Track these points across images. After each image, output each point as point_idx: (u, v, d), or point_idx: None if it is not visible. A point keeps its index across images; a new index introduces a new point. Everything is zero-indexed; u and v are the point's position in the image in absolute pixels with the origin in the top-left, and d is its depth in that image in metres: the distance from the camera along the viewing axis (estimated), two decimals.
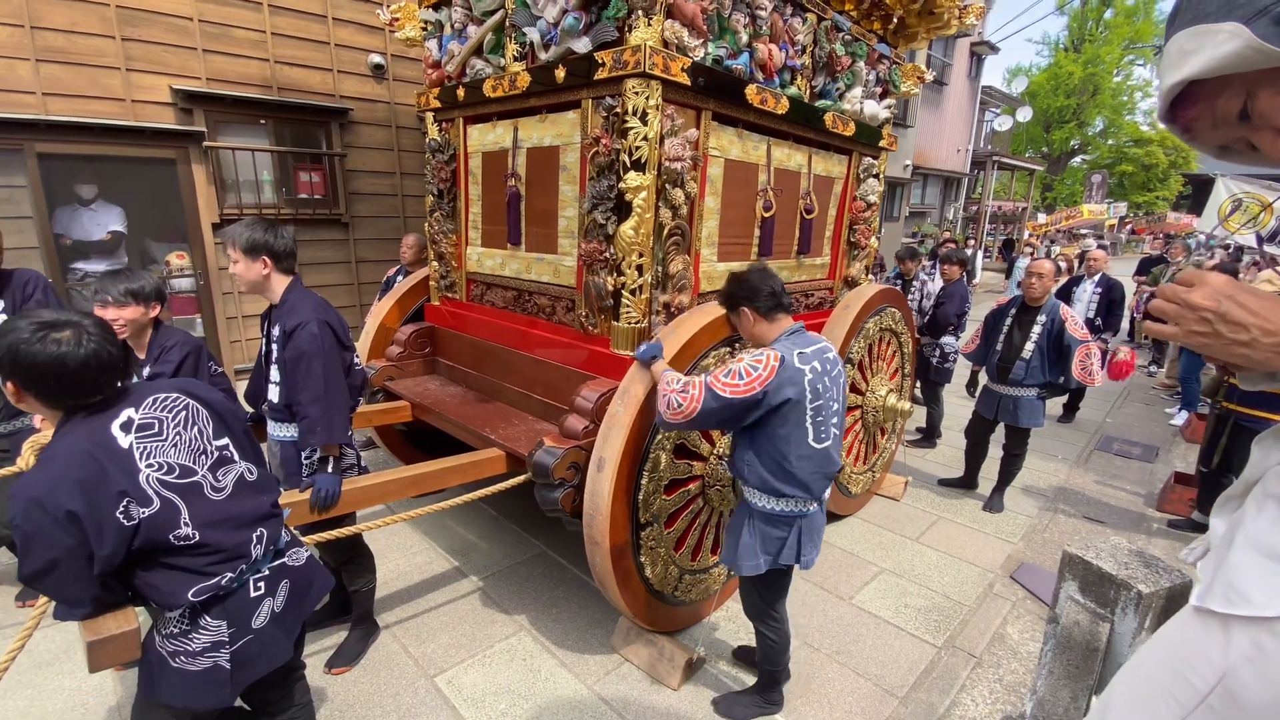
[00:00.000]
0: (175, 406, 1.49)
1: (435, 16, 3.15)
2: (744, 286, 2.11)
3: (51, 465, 1.31)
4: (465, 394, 3.40)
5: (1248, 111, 0.71)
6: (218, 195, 4.92)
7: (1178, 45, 0.71)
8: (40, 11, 4.13)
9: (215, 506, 1.48)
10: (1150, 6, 28.25)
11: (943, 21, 3.62)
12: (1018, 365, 3.83)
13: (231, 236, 2.15)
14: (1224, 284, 0.72)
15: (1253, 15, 0.64)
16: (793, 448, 1.97)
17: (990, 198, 18.62)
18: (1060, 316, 3.73)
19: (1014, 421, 3.94)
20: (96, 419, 1.38)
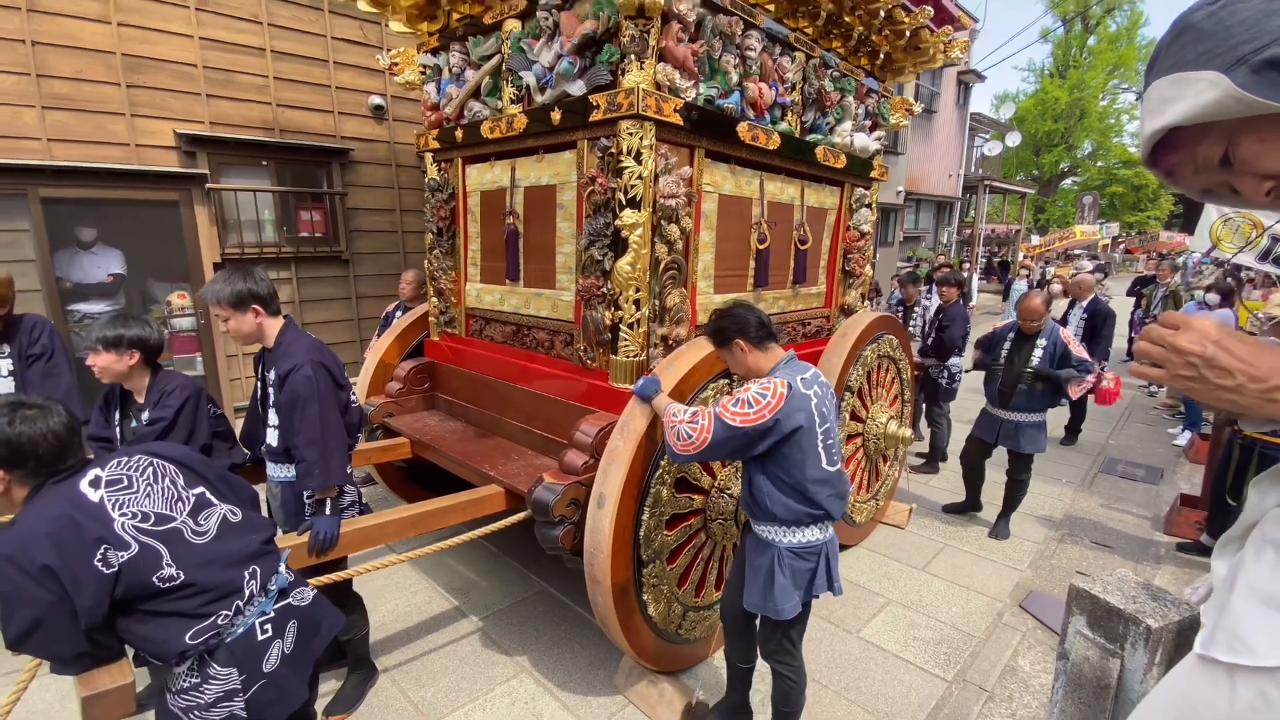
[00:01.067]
0: (140, 465, 1.50)
1: (434, 61, 3.23)
2: (733, 320, 2.12)
3: (22, 525, 1.32)
4: (464, 429, 3.39)
5: (1229, 158, 0.72)
6: (219, 235, 4.99)
7: (1158, 92, 0.72)
8: (47, 60, 4.25)
9: (200, 549, 1.47)
10: (1133, 32, 28.99)
11: (928, 56, 3.71)
12: (1017, 391, 3.82)
13: (213, 296, 2.13)
14: (1211, 329, 0.72)
15: (1231, 64, 0.66)
16: (808, 472, 1.97)
17: (983, 221, 18.83)
18: (1061, 339, 3.75)
19: (1015, 446, 3.91)
20: (63, 484, 1.40)
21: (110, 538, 1.34)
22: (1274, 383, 0.68)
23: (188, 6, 4.67)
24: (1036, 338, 3.81)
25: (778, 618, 2.02)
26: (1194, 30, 0.70)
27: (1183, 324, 0.74)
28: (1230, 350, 0.71)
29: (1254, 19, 0.65)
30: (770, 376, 2.03)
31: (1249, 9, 0.66)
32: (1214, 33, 0.68)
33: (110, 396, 2.36)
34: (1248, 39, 0.65)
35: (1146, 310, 8.89)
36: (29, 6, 4.14)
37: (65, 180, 4.32)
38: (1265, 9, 0.65)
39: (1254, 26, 0.65)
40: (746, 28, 2.70)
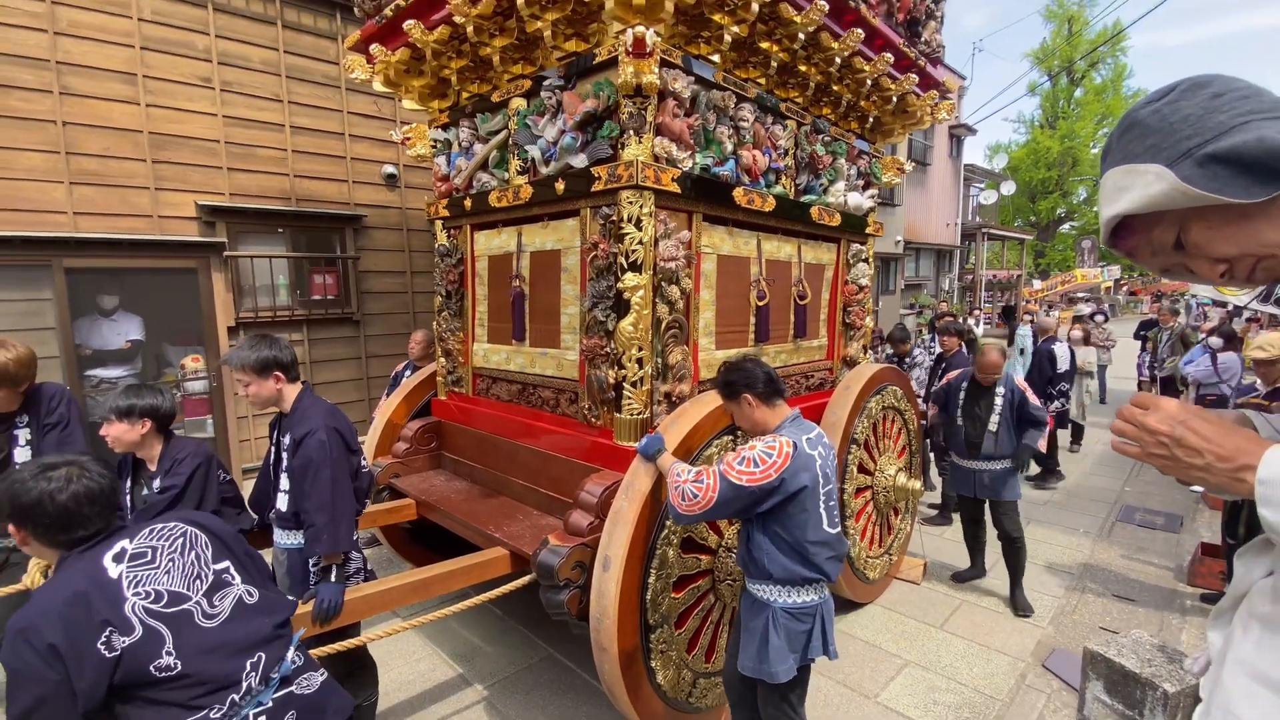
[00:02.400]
0: (172, 534, 1.51)
1: (444, 136, 3.40)
2: (742, 374, 2.16)
3: (39, 599, 1.33)
4: (470, 489, 3.39)
5: (1181, 242, 0.77)
6: (235, 300, 5.13)
7: (1112, 181, 0.78)
8: (76, 138, 4.48)
9: (206, 634, 1.45)
10: (1118, 84, 29.94)
11: (916, 118, 3.87)
12: (986, 439, 3.80)
13: (238, 361, 2.21)
14: (1177, 409, 0.75)
15: (1176, 158, 0.70)
16: (809, 533, 1.97)
17: (984, 267, 19.05)
18: (1018, 387, 3.79)
19: (994, 495, 3.84)
20: (90, 553, 1.42)
21: (116, 620, 1.35)
22: (1240, 462, 0.70)
23: (213, 87, 4.96)
24: (994, 387, 3.81)
25: (772, 681, 1.99)
26: (1141, 126, 0.75)
27: (1151, 404, 0.77)
28: (1196, 430, 0.73)
29: (1196, 115, 0.70)
30: (776, 434, 2.05)
31: (1191, 106, 0.71)
32: (1159, 128, 0.73)
33: (122, 465, 2.40)
34: (1190, 134, 0.70)
35: (1154, 354, 8.86)
36: (61, 90, 4.40)
37: (88, 251, 4.48)
38: (1207, 106, 0.70)
39: (1196, 123, 0.70)
40: (739, 100, 2.84)
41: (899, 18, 3.41)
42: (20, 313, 4.35)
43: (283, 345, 2.30)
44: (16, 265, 4.29)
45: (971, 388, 3.90)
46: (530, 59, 2.84)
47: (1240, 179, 0.67)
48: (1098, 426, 7.96)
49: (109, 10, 4.53)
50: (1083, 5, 28.71)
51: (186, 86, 4.85)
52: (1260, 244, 0.72)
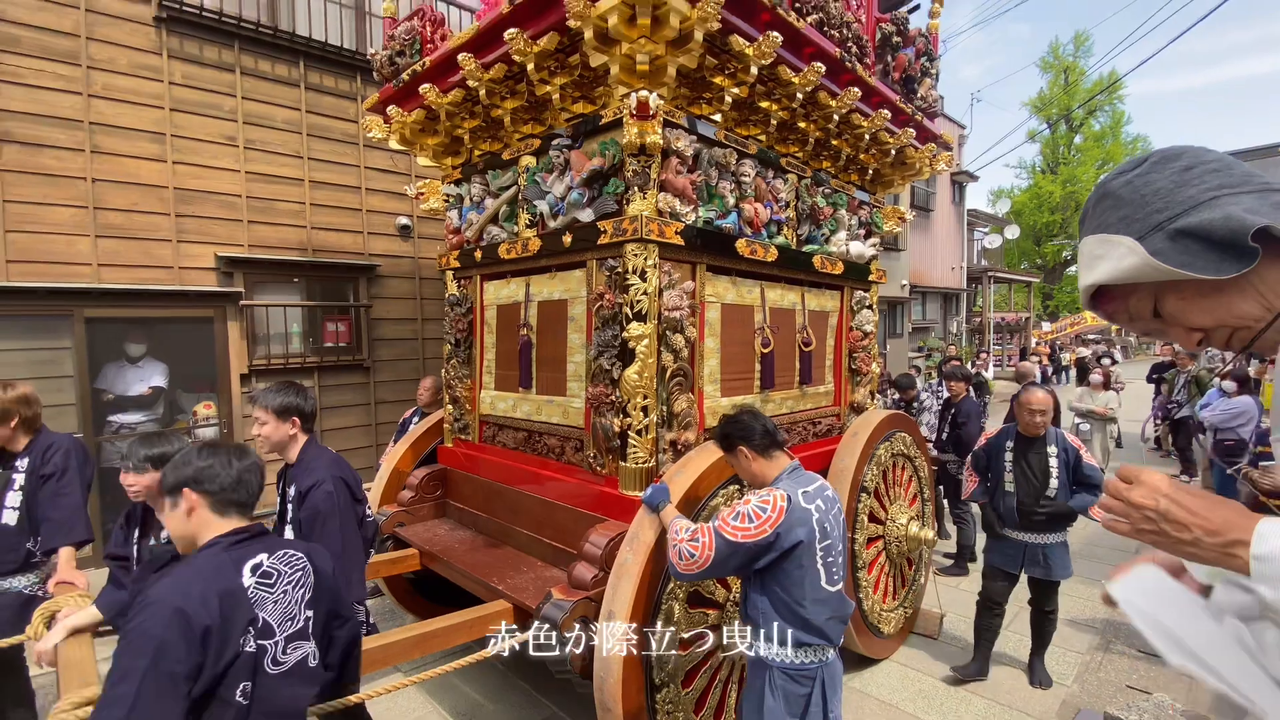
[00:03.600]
0: (294, 564, 1.51)
1: (456, 191, 3.52)
2: (738, 426, 2.15)
3: (193, 582, 1.33)
4: (474, 539, 3.36)
5: (1159, 311, 0.78)
6: (249, 347, 5.22)
7: (1088, 249, 0.79)
8: (104, 194, 4.66)
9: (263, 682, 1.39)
10: (1117, 130, 30.54)
11: (916, 170, 3.97)
12: (1043, 505, 3.28)
13: (262, 400, 2.30)
14: (1161, 483, 0.73)
15: (1147, 231, 0.72)
16: (807, 591, 1.92)
17: (991, 310, 19.08)
18: (1072, 445, 3.33)
19: (1047, 574, 3.31)
20: (237, 550, 1.44)
21: (256, 624, 1.37)
22: (1230, 536, 0.68)
23: (237, 145, 5.18)
24: (1043, 444, 3.33)
25: None
26: (1113, 197, 0.77)
27: (1135, 479, 0.75)
28: (1182, 504, 0.71)
29: (1167, 189, 0.72)
30: (772, 487, 2.02)
31: (1162, 179, 0.73)
32: (1131, 200, 0.75)
33: (131, 514, 2.40)
34: (1161, 208, 0.72)
35: (1169, 397, 8.75)
36: (92, 149, 4.61)
37: (110, 301, 4.61)
38: (1178, 180, 0.72)
39: (1167, 196, 0.72)
40: (740, 157, 2.94)
41: (895, 76, 3.54)
42: (40, 361, 4.45)
43: (307, 396, 2.36)
44: (39, 315, 4.41)
45: (1019, 445, 3.41)
46: (539, 119, 2.97)
47: (1210, 255, 0.69)
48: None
49: (142, 75, 4.78)
50: (1078, 56, 29.60)
51: (212, 144, 5.07)
52: (1234, 316, 0.73)
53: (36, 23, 4.38)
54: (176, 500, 1.49)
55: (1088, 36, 30.13)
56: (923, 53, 3.69)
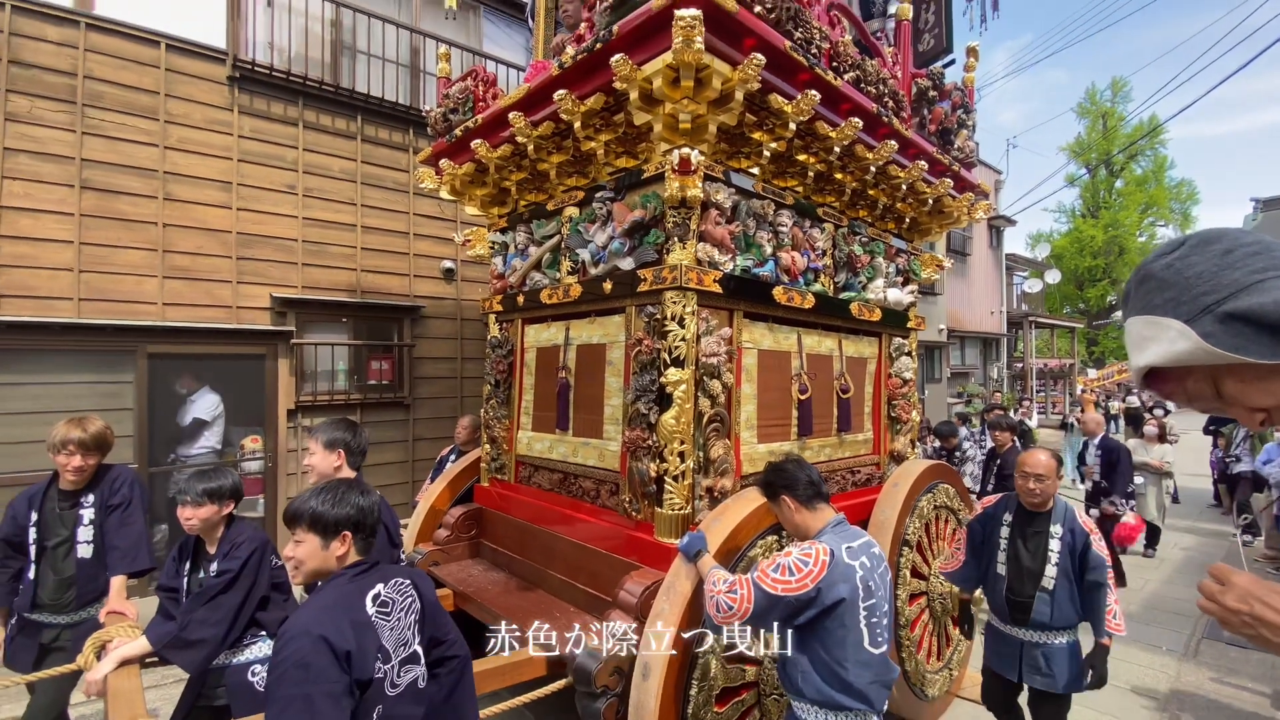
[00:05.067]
0: (404, 591, 1.58)
1: (502, 239, 3.67)
2: (782, 475, 2.14)
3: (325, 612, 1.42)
4: (508, 581, 3.36)
5: (1218, 392, 0.77)
6: (296, 384, 5.41)
7: (1136, 329, 0.79)
8: (173, 238, 4.97)
9: (386, 704, 1.46)
10: (1160, 175, 29.93)
11: (953, 218, 3.97)
12: (1039, 600, 2.65)
13: (316, 432, 2.44)
14: (1249, 586, 0.74)
15: (1195, 314, 0.71)
16: (849, 652, 1.84)
17: (1033, 355, 18.56)
18: (1082, 526, 2.70)
19: (1050, 685, 2.63)
20: (359, 581, 1.52)
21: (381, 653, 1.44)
22: None
23: (296, 193, 5.49)
24: (1046, 521, 2.73)
25: None
26: (1155, 280, 0.77)
27: (1226, 580, 0.76)
28: (1272, 604, 0.72)
29: (1211, 272, 0.72)
30: (815, 540, 1.98)
31: (1204, 262, 0.73)
32: (1175, 282, 0.74)
33: (184, 547, 2.49)
34: (1207, 290, 0.72)
35: (1227, 450, 8.31)
36: (165, 196, 4.94)
37: (171, 338, 4.87)
38: (1220, 263, 0.72)
39: (1211, 279, 0.72)
40: (778, 207, 3.00)
41: (931, 128, 3.59)
42: (104, 394, 4.69)
43: (358, 433, 2.46)
44: (104, 350, 4.68)
45: (1019, 519, 2.81)
46: (584, 173, 3.09)
47: (1263, 338, 0.68)
48: (1174, 529, 7.39)
49: (214, 129, 5.15)
50: (1116, 102, 29.38)
51: (273, 192, 5.39)
52: None
53: (121, 80, 4.79)
54: (329, 540, 1.56)
55: (1126, 83, 29.86)
56: (959, 105, 3.74)
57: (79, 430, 2.67)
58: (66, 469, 2.69)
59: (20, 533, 2.72)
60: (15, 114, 4.39)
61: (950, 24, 4.15)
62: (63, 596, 2.76)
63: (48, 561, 2.74)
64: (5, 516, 2.76)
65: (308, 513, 1.56)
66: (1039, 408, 18.57)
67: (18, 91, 4.40)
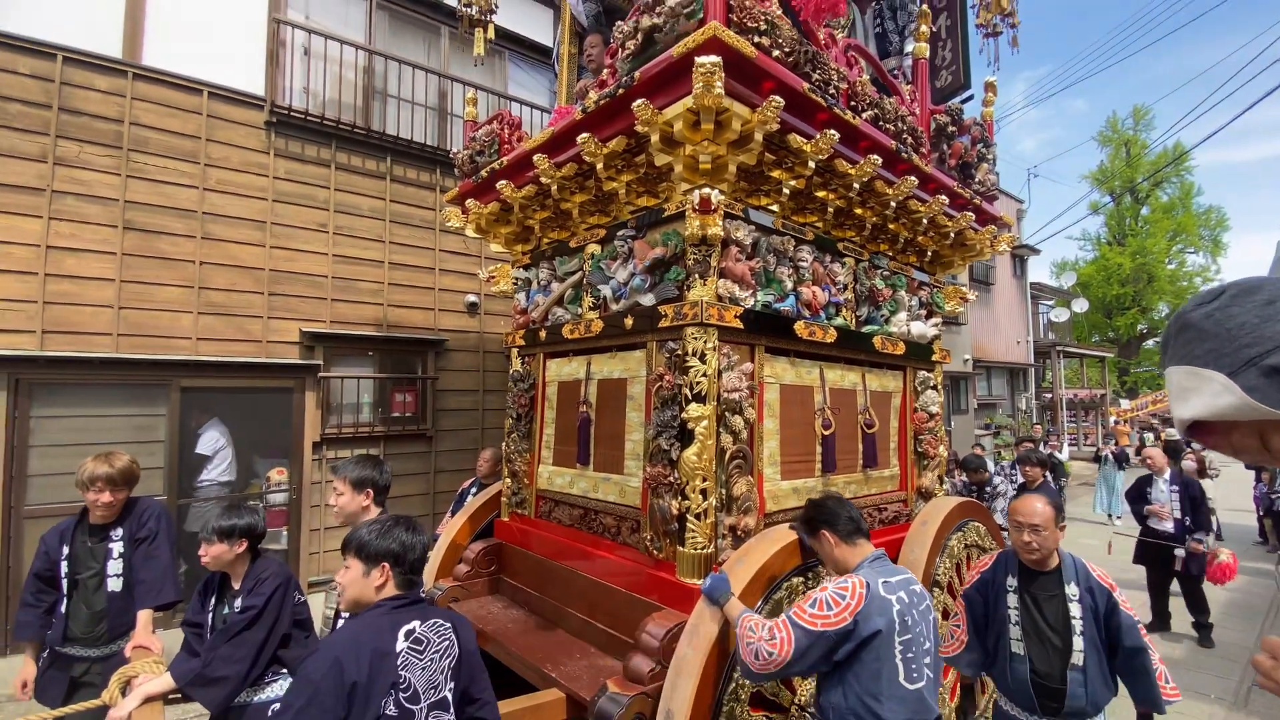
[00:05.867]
0: (442, 634, 1.60)
1: (525, 275, 3.73)
2: (822, 511, 2.17)
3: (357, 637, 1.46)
4: (527, 619, 3.32)
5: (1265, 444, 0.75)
6: (322, 417, 5.50)
7: (1177, 380, 0.77)
8: (208, 275, 5.15)
9: None
10: (1187, 201, 29.49)
11: (976, 251, 3.95)
12: (1073, 681, 2.22)
13: (343, 471, 2.44)
14: None
15: (1239, 366, 0.69)
16: (884, 686, 1.80)
17: (1062, 386, 18.14)
18: (1100, 582, 2.33)
19: None
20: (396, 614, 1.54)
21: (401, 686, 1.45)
22: None
23: (326, 231, 5.68)
24: (1058, 579, 2.36)
25: None
26: (1194, 329, 0.75)
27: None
28: None
29: (1253, 324, 0.70)
30: (852, 575, 1.97)
31: (1245, 313, 0.71)
32: (1215, 333, 0.73)
33: (209, 582, 2.51)
34: (1250, 343, 0.70)
35: (1271, 485, 7.98)
36: (203, 235, 5.14)
37: (203, 372, 5.00)
38: (1262, 314, 0.70)
39: (1254, 331, 0.70)
40: (798, 243, 3.01)
41: (951, 163, 3.60)
42: (137, 426, 4.81)
43: (383, 470, 2.48)
44: (140, 384, 4.82)
45: (1024, 582, 2.42)
46: (605, 211, 3.15)
47: None
48: None
49: (251, 171, 5.37)
50: (1138, 130, 29.20)
51: (305, 230, 5.58)
52: None
53: (165, 126, 5.04)
54: (370, 569, 1.60)
55: (1148, 111, 29.77)
56: (978, 140, 3.75)
57: (106, 466, 2.74)
58: (96, 505, 2.75)
59: (52, 568, 2.77)
60: (64, 158, 4.63)
61: (968, 60, 4.19)
62: (94, 629, 2.80)
63: (80, 595, 2.79)
64: (38, 552, 2.82)
65: (355, 540, 1.63)
66: (1070, 439, 18.07)
67: (67, 137, 4.65)
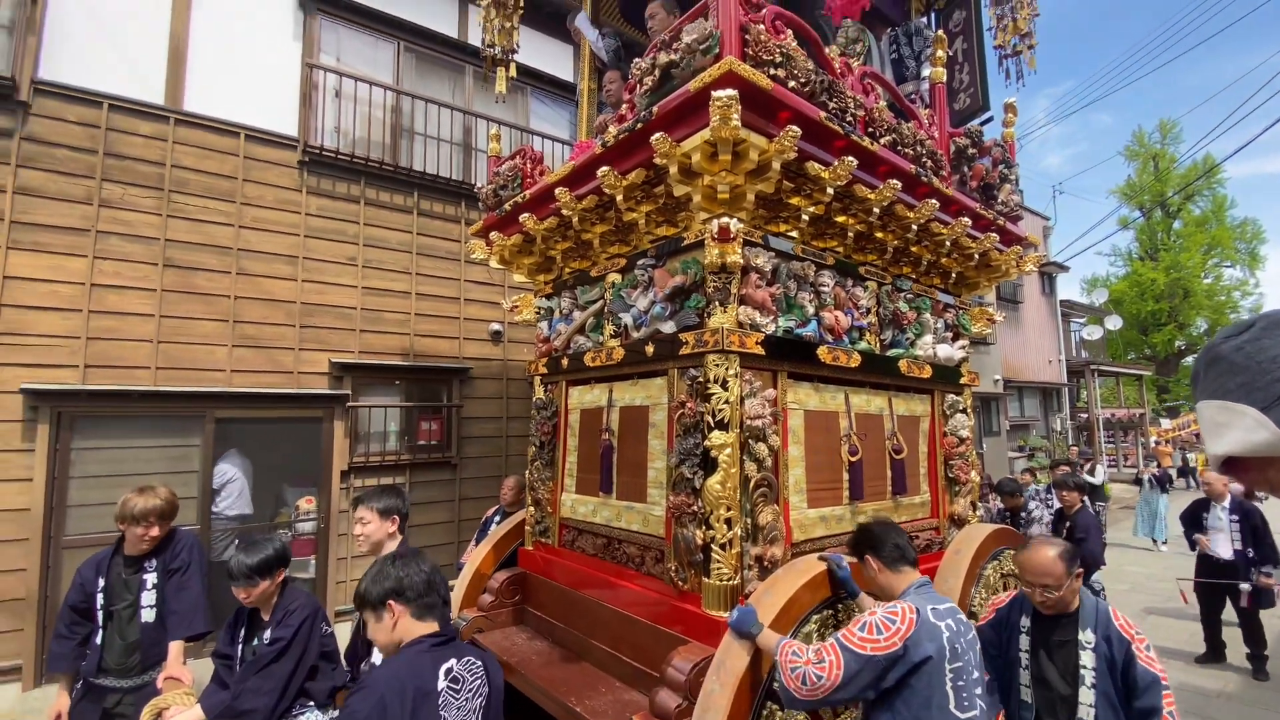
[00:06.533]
0: (474, 673, 1.62)
1: (547, 304, 3.78)
2: (869, 536, 2.18)
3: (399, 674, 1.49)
4: (551, 650, 3.28)
5: None
6: (350, 446, 5.59)
7: (1209, 414, 0.75)
8: (242, 309, 5.31)
9: None
10: (1220, 214, 28.77)
11: (1001, 272, 3.89)
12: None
13: (369, 500, 2.50)
14: None
15: (1271, 401, 0.67)
16: (934, 714, 1.76)
17: (1098, 405, 17.60)
18: (1120, 632, 2.14)
19: None
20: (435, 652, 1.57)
21: None
22: None
23: (356, 264, 5.83)
24: (1074, 625, 2.20)
25: None
26: (1225, 362, 0.73)
27: None
28: None
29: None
30: (900, 600, 1.95)
31: (1276, 347, 0.69)
32: (1247, 367, 0.71)
33: (239, 614, 2.54)
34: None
35: None
36: (238, 271, 5.32)
37: (237, 403, 5.13)
38: None
39: None
40: (818, 268, 3.00)
41: (973, 184, 3.58)
42: (172, 457, 4.94)
43: (405, 498, 2.55)
44: (176, 416, 4.96)
45: (1038, 625, 2.31)
46: (625, 241, 3.19)
47: None
48: None
49: (285, 208, 5.57)
50: (1166, 144, 28.72)
51: (335, 264, 5.74)
52: None
53: (204, 167, 5.26)
54: (381, 613, 1.63)
55: (1175, 124, 29.22)
56: (1000, 161, 3.73)
57: (156, 500, 2.81)
58: (143, 539, 2.82)
59: (88, 600, 2.83)
60: (109, 200, 4.85)
61: (985, 83, 4.19)
62: (128, 660, 2.84)
63: (114, 626, 2.84)
64: (73, 584, 2.89)
65: (358, 596, 1.67)
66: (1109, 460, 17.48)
67: (112, 180, 4.88)
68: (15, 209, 4.50)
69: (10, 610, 4.26)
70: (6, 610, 4.25)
